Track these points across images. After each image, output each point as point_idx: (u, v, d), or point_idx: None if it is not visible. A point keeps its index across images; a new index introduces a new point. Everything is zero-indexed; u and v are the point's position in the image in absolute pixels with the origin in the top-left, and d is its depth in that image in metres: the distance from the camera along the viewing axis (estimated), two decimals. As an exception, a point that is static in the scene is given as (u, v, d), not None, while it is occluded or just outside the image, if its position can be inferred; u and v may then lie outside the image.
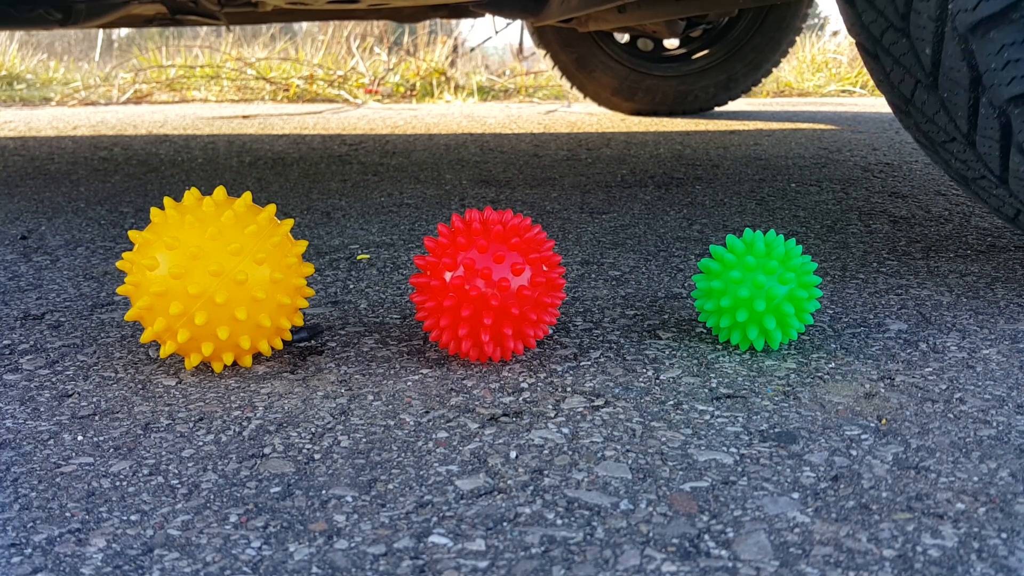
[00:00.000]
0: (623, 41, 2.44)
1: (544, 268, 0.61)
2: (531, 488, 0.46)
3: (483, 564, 0.39)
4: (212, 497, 0.45)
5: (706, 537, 0.41)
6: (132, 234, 0.60)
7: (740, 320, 0.62)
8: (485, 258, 0.59)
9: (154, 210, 0.60)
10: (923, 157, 1.68)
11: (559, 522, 0.43)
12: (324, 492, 0.46)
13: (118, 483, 0.47)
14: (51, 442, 0.52)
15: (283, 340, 0.63)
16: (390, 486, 0.46)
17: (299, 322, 0.62)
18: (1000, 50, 0.67)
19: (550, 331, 0.69)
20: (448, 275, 0.60)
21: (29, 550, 0.41)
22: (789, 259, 0.63)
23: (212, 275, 0.57)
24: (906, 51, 0.75)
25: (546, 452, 0.50)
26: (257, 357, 0.64)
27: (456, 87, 3.60)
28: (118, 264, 0.60)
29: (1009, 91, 0.68)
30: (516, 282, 0.59)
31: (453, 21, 3.68)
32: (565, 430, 0.52)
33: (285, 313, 0.60)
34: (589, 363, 0.63)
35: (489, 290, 0.58)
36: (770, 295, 0.62)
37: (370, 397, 0.58)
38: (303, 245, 0.62)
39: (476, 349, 0.61)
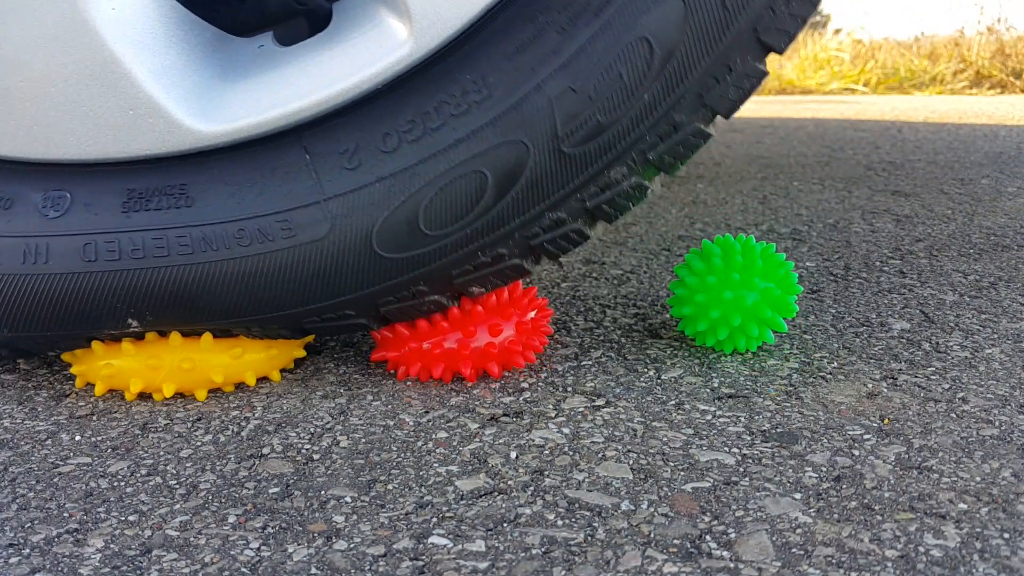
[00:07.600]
0: None
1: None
2: (532, 488, 0.46)
3: (483, 565, 0.39)
4: (210, 497, 0.45)
5: (708, 538, 0.41)
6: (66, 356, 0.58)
7: (722, 334, 0.62)
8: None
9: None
10: (926, 156, 1.68)
11: (560, 523, 0.42)
12: (323, 492, 0.46)
13: (116, 483, 0.47)
14: (49, 442, 0.52)
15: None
16: (390, 486, 0.46)
17: (300, 354, 0.60)
18: None
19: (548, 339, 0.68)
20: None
21: (27, 550, 0.41)
22: (751, 265, 0.61)
23: (183, 372, 0.56)
24: None
25: (547, 452, 0.50)
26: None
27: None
28: (64, 355, 0.57)
29: None
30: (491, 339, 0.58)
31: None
32: (566, 430, 0.52)
33: (273, 365, 0.59)
34: (590, 363, 0.63)
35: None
36: (742, 305, 0.61)
37: (369, 397, 0.57)
38: None
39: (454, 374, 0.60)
